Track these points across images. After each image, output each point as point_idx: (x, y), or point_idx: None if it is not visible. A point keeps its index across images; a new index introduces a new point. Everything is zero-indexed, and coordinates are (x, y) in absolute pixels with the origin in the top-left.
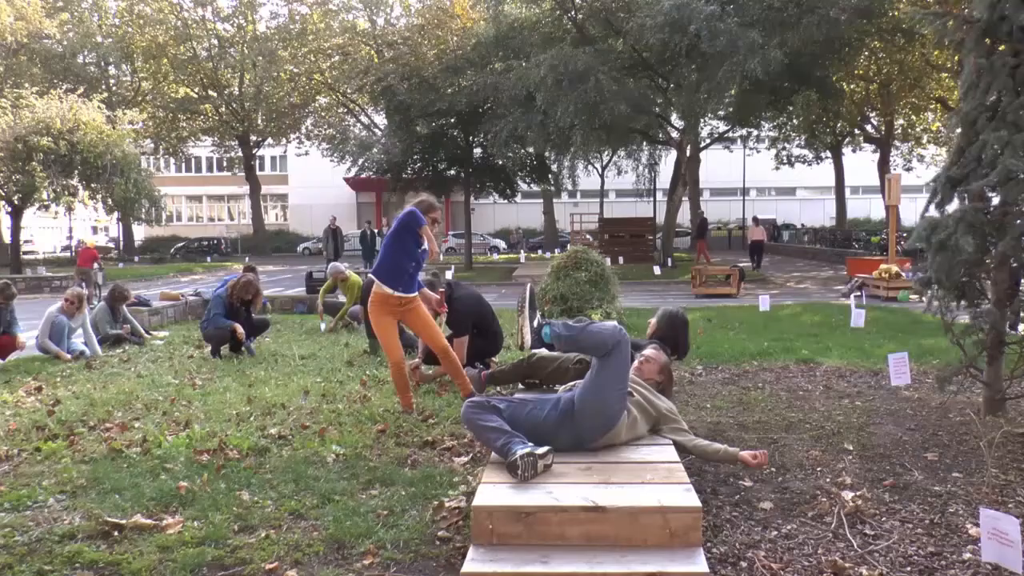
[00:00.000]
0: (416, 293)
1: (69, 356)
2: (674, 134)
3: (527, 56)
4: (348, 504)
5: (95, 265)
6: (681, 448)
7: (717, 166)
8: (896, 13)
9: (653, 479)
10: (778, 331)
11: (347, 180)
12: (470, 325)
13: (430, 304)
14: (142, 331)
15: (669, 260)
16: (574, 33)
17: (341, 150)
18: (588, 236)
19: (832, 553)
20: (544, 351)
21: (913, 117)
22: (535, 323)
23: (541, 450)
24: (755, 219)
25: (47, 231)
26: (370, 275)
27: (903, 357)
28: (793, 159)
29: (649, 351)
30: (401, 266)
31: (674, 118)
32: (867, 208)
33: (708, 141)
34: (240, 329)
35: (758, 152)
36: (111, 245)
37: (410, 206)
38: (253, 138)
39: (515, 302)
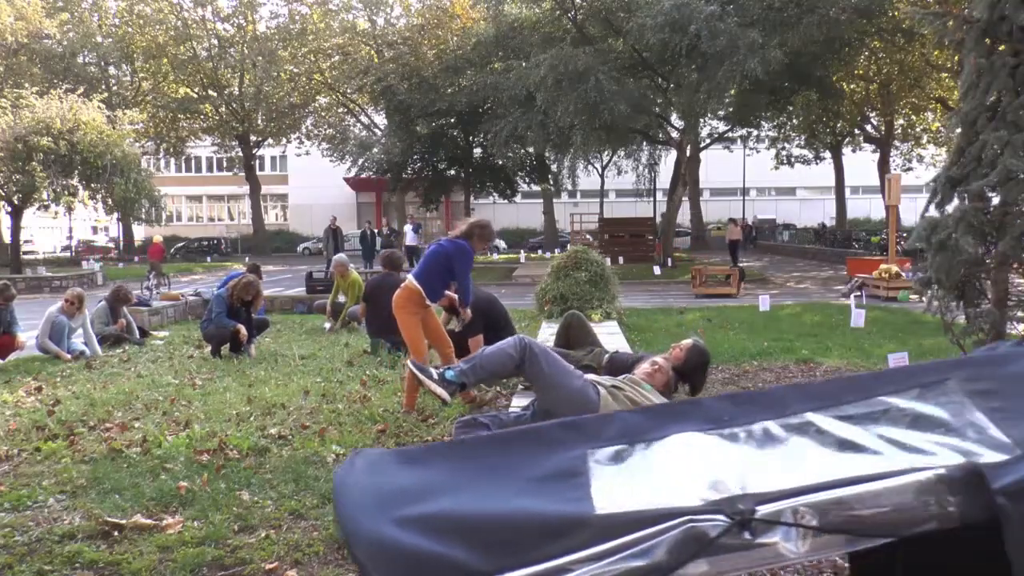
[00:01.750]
0: (437, 303)
1: (69, 356)
2: (674, 134)
3: (527, 56)
4: None
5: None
6: None
7: (717, 166)
8: (896, 13)
9: None
10: (778, 331)
11: (347, 180)
12: (481, 325)
13: (446, 301)
14: (135, 330)
15: (669, 260)
16: (574, 33)
17: (341, 150)
18: (588, 236)
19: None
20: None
21: (913, 117)
22: (435, 376)
23: None
24: (732, 220)
25: (47, 231)
26: (410, 276)
27: (903, 357)
28: (793, 159)
29: (661, 360)
30: (441, 279)
31: (674, 118)
32: (867, 208)
33: (708, 141)
34: (244, 331)
35: (758, 152)
36: (111, 245)
37: (473, 228)
38: (253, 138)
39: (515, 302)
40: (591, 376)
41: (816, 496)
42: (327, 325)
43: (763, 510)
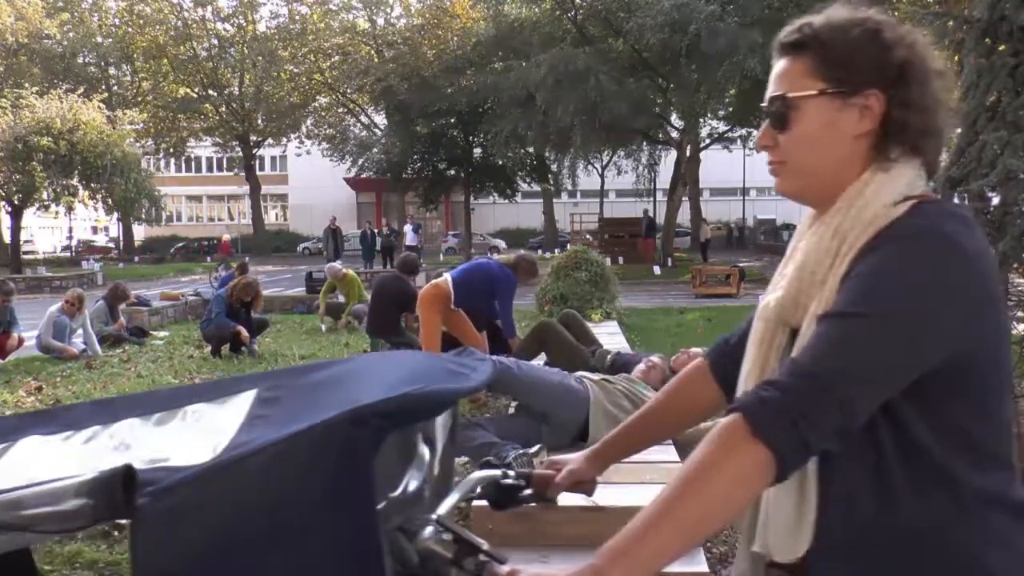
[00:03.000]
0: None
1: (76, 351)
2: (674, 134)
3: (527, 56)
4: None
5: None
6: (684, 445)
7: (717, 166)
8: (896, 13)
9: (653, 479)
10: None
11: (347, 180)
12: (483, 325)
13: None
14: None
15: (669, 260)
16: (574, 33)
17: (341, 150)
18: (588, 236)
19: None
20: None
21: None
22: None
23: (533, 449)
24: (704, 220)
25: (47, 231)
26: (447, 275)
27: None
28: None
29: (657, 359)
30: (473, 292)
31: (674, 118)
32: None
33: (708, 141)
34: (244, 332)
35: (758, 152)
36: (111, 245)
37: (519, 261)
38: (253, 138)
39: (515, 302)
40: (579, 372)
41: (9, 495)
42: (323, 327)
43: None
